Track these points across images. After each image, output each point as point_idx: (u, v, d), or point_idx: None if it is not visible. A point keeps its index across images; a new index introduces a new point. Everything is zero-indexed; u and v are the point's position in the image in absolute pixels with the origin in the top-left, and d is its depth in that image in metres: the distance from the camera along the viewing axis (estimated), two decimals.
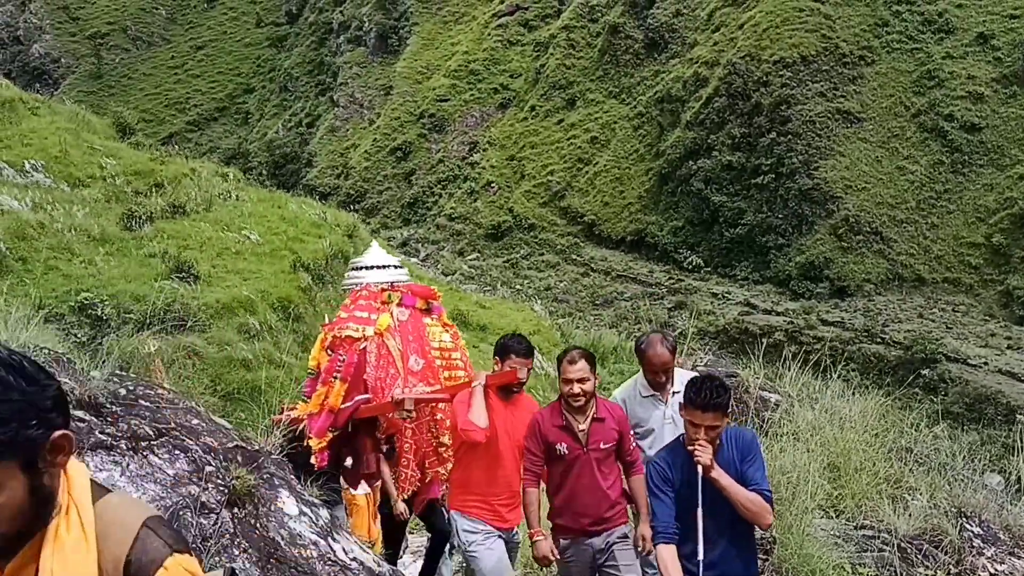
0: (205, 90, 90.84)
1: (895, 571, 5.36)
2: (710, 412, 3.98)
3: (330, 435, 5.74)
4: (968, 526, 5.84)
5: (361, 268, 6.16)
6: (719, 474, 3.97)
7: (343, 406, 5.71)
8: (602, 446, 4.86)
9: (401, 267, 6.26)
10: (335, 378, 5.68)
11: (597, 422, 4.87)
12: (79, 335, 11.05)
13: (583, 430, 4.83)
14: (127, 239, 15.63)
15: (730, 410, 4.11)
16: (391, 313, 5.81)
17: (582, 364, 4.86)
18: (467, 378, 5.61)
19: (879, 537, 5.69)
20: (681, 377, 4.99)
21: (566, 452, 4.86)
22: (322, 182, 67.66)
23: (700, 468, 3.95)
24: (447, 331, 6.06)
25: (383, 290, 5.93)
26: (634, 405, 5.24)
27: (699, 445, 3.96)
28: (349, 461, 5.86)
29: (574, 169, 60.44)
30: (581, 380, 4.86)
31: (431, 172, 65.87)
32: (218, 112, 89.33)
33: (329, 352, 5.85)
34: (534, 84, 67.46)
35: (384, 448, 5.99)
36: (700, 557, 3.98)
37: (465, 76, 69.89)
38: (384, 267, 6.10)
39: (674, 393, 4.99)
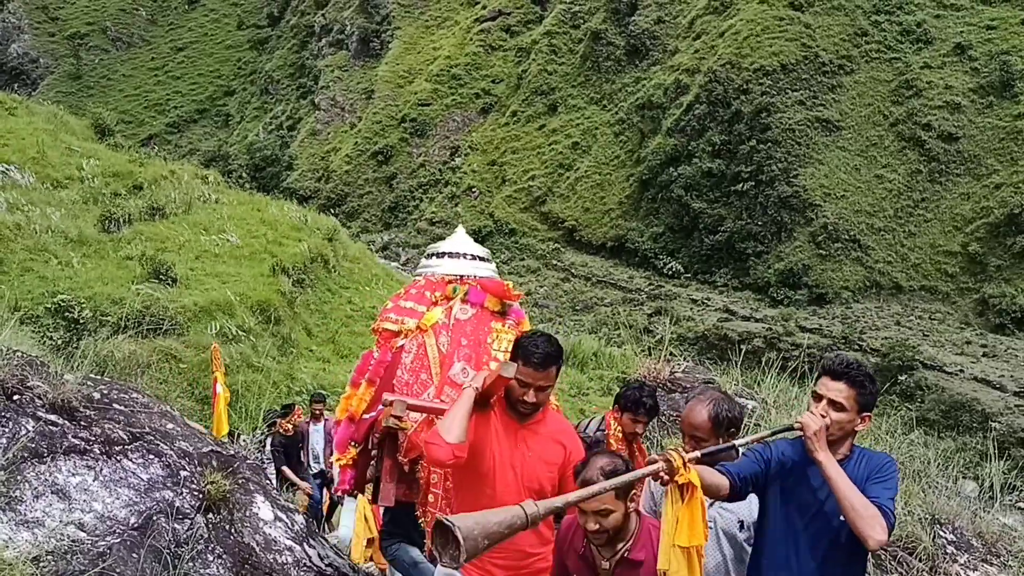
0: (185, 92, 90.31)
1: None
2: (839, 381, 3.28)
3: (353, 450, 4.78)
4: (942, 533, 5.89)
5: (433, 256, 5.21)
6: (826, 458, 3.19)
7: (365, 416, 4.75)
8: None
9: (485, 259, 5.15)
10: (365, 379, 4.78)
11: (628, 566, 3.43)
12: (55, 337, 10.95)
13: (606, 569, 3.46)
14: (105, 241, 15.53)
15: (866, 395, 3.29)
16: (450, 309, 4.80)
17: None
18: None
19: None
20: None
21: None
22: (303, 185, 67.40)
23: (803, 439, 3.22)
24: None
25: (448, 281, 4.93)
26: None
27: (812, 411, 3.25)
28: (369, 489, 4.82)
29: (555, 174, 60.55)
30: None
31: (412, 176, 65.78)
32: (198, 114, 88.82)
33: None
34: (516, 89, 67.55)
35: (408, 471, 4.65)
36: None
37: (447, 81, 69.88)
38: (459, 256, 5.08)
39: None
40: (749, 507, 3.55)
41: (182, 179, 20.59)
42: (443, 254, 5.16)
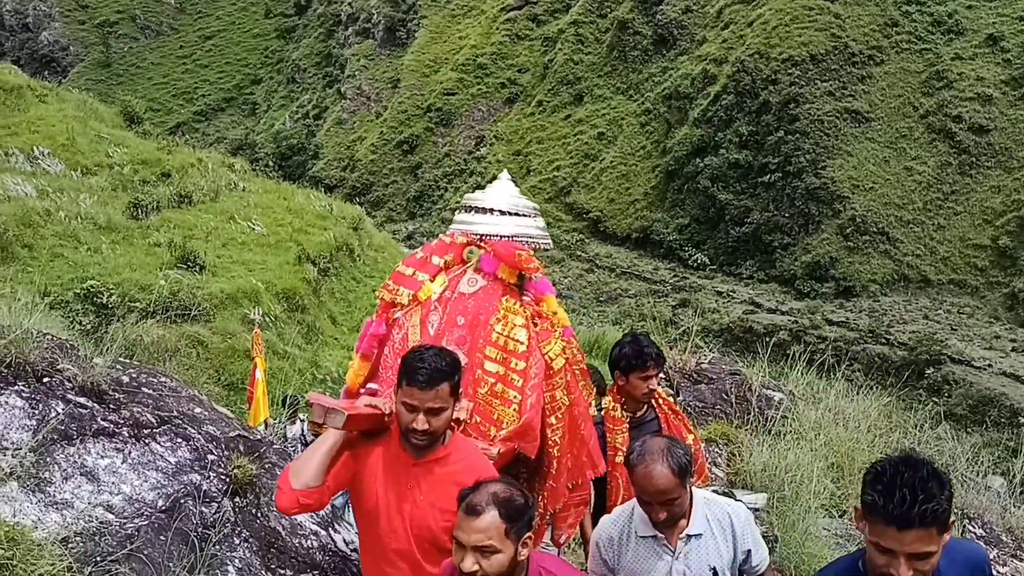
0: (213, 80, 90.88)
1: None
2: (915, 529, 2.27)
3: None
4: (971, 528, 5.82)
5: (461, 209, 4.28)
6: None
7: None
8: None
9: (524, 215, 4.11)
10: (359, 354, 4.05)
11: None
12: (84, 322, 11.07)
13: None
14: (133, 228, 15.66)
15: (951, 519, 2.35)
16: (457, 279, 3.90)
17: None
18: (516, 418, 3.59)
19: None
20: (705, 509, 3.25)
21: None
22: (328, 174, 67.67)
23: None
24: (534, 325, 3.79)
25: (467, 243, 4.00)
26: (624, 548, 3.27)
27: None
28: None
29: (580, 165, 60.38)
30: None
31: (437, 166, 65.85)
32: (225, 103, 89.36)
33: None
34: (542, 79, 67.37)
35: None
36: None
37: (473, 70, 69.82)
38: (487, 211, 4.05)
39: (690, 537, 3.20)
40: (718, 550, 3.21)
41: (209, 167, 20.72)
42: (471, 208, 4.18)
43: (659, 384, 4.59)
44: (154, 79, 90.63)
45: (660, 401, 4.62)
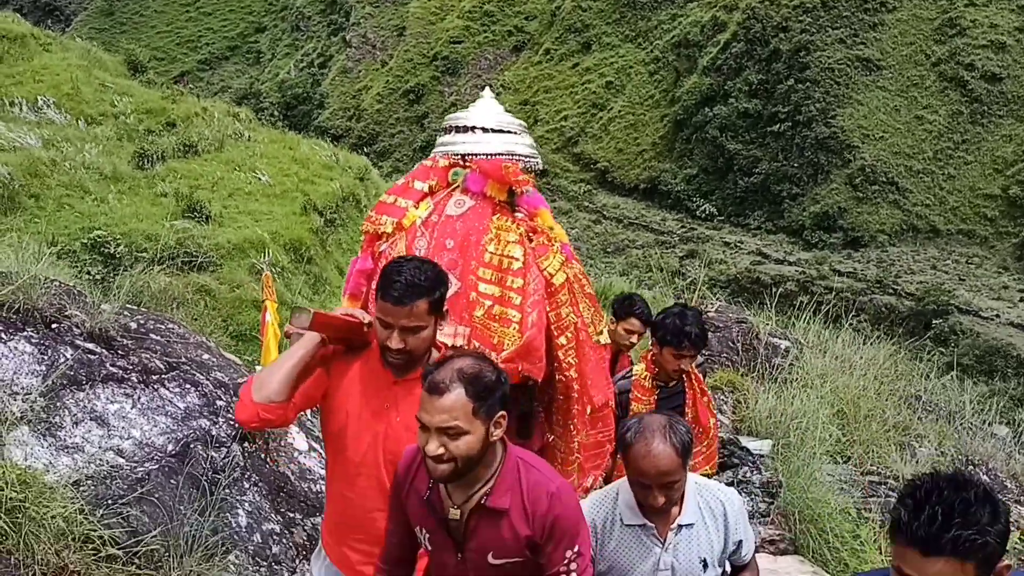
0: (217, 28, 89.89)
1: None
2: (944, 557, 1.85)
3: None
4: (976, 474, 5.85)
5: (443, 131, 3.95)
6: None
7: None
8: (491, 560, 2.57)
9: (510, 131, 3.81)
10: (347, 295, 3.75)
11: (487, 515, 2.54)
12: (91, 272, 11.09)
13: (456, 519, 2.56)
14: (139, 178, 15.62)
15: (1003, 562, 1.92)
16: (442, 202, 3.60)
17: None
18: (517, 338, 3.28)
19: (885, 483, 5.71)
20: (697, 496, 2.95)
21: (428, 546, 2.67)
22: (334, 124, 67.22)
23: None
24: (529, 241, 3.48)
25: (451, 165, 3.69)
26: (607, 537, 2.94)
27: None
28: None
29: (588, 115, 59.83)
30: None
31: (444, 115, 65.10)
32: (230, 51, 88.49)
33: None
34: (549, 27, 66.47)
35: None
36: None
37: (479, 18, 68.89)
38: (470, 130, 3.76)
39: (681, 527, 2.90)
40: (709, 540, 2.93)
41: (214, 117, 20.57)
42: (453, 128, 3.84)
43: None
44: (157, 27, 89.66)
45: (692, 378, 4.41)
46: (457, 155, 3.70)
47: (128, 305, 5.05)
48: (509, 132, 3.80)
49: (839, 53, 50.19)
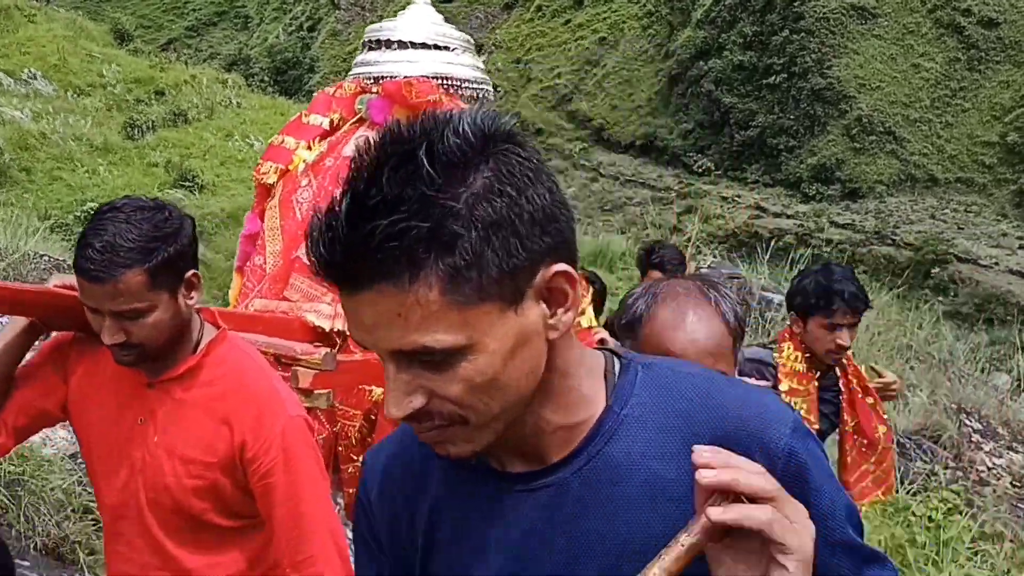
0: None
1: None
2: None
3: None
4: (967, 422, 5.90)
5: (363, 47, 3.17)
6: None
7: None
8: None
9: (448, 47, 3.03)
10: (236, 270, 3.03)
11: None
12: None
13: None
14: (129, 148, 15.57)
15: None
16: (338, 142, 2.85)
17: None
18: None
19: None
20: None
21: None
22: (325, 89, 66.62)
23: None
24: None
25: (359, 91, 2.94)
26: None
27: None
28: None
29: (582, 71, 59.32)
30: None
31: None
32: (217, 16, 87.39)
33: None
34: None
35: None
36: None
37: None
38: (395, 46, 2.90)
39: None
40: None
41: (203, 84, 20.45)
42: (374, 43, 3.00)
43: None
44: None
45: (849, 370, 3.32)
46: (371, 78, 2.83)
47: None
48: (445, 48, 2.98)
49: (834, 2, 49.64)
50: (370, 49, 2.97)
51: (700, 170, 51.83)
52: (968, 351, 6.84)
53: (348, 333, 1.79)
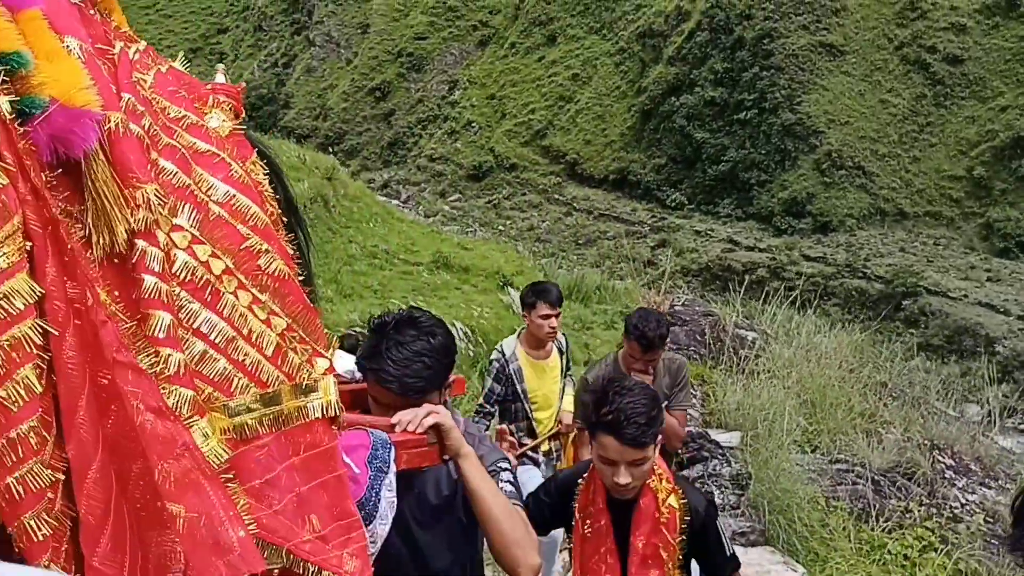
0: (178, 31, 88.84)
1: (868, 503, 5.45)
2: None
3: None
4: (940, 458, 5.92)
5: None
6: None
7: None
8: None
9: None
10: None
11: None
12: None
13: None
14: None
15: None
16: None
17: None
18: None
19: (853, 471, 5.77)
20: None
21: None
22: (300, 124, 66.71)
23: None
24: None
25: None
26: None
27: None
28: None
29: (555, 107, 59.84)
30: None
31: (411, 112, 65.05)
32: (192, 53, 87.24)
33: None
34: (513, 20, 66.36)
35: None
36: None
37: (443, 13, 68.61)
38: None
39: None
40: None
41: None
42: None
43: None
44: None
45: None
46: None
47: None
48: None
49: (803, 39, 50.54)
50: None
51: (673, 204, 52.28)
52: (939, 384, 6.89)
53: None
